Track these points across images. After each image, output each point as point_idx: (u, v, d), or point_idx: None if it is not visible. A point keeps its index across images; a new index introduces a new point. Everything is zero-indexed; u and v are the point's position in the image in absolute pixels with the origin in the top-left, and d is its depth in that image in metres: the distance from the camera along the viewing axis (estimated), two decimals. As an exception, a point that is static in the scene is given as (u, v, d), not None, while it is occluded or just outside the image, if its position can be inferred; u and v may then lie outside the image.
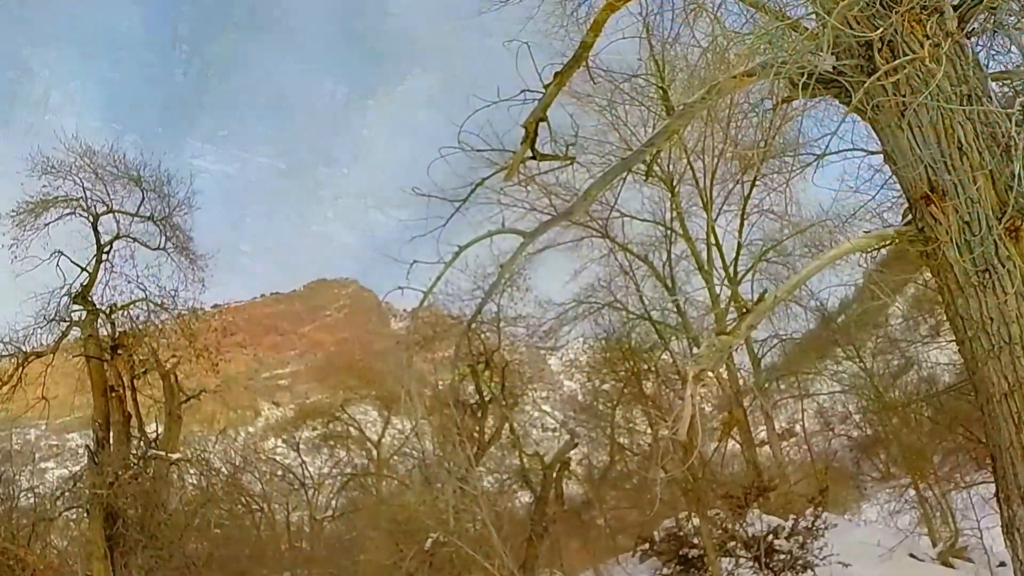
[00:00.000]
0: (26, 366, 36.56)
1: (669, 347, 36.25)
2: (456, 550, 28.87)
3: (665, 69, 27.80)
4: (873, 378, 39.73)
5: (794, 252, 38.23)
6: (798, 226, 36.43)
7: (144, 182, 37.23)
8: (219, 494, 40.18)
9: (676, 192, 36.36)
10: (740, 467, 38.47)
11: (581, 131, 15.60)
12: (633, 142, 32.91)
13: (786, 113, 14.08)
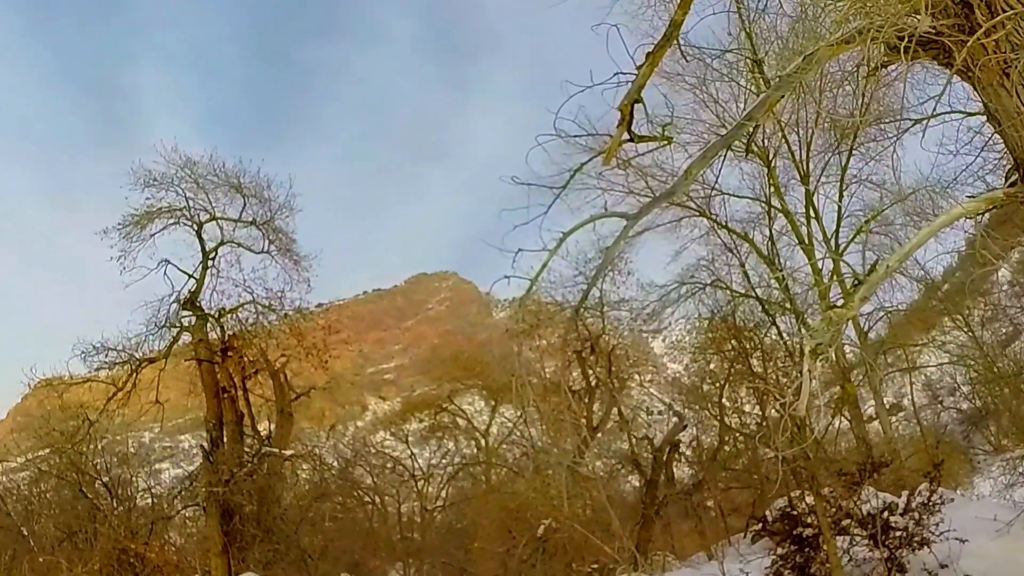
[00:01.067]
0: (139, 372, 37.42)
1: (776, 324, 35.67)
2: (569, 535, 28.89)
3: (755, 42, 27.49)
4: (982, 347, 38.85)
5: (895, 221, 37.47)
6: (898, 194, 35.63)
7: (244, 188, 37.91)
8: (332, 488, 40.72)
9: (773, 167, 35.83)
10: (848, 444, 37.85)
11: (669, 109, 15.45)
12: (726, 118, 32.53)
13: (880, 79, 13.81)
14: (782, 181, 36.66)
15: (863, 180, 37.20)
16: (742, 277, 35.91)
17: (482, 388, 53.83)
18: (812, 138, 35.81)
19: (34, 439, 48.59)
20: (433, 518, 50.35)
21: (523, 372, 15.12)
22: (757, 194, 36.48)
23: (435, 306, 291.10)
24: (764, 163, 35.31)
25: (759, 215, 36.45)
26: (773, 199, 35.85)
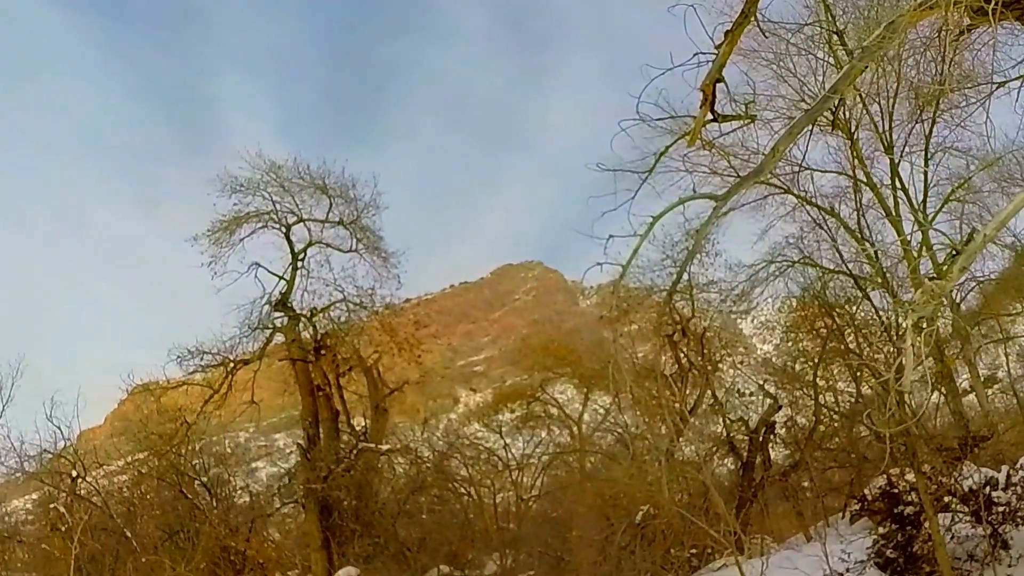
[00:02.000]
0: (234, 374, 38.01)
1: (870, 299, 35.06)
2: (667, 521, 28.77)
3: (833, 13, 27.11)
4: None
5: (983, 188, 36.63)
6: (986, 160, 34.83)
7: (330, 189, 38.43)
8: (428, 480, 41.01)
9: (856, 139, 35.21)
10: (944, 419, 37.16)
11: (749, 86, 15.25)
12: (805, 93, 32.06)
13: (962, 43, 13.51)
14: (866, 153, 36.05)
15: (949, 148, 36.42)
16: (832, 253, 35.33)
17: (573, 376, 53.80)
18: (894, 107, 35.13)
19: (133, 443, 49.51)
20: (529, 507, 50.45)
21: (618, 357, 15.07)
22: (841, 168, 35.92)
23: (522, 296, 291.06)
24: (847, 136, 34.71)
25: (845, 189, 35.88)
26: (858, 172, 35.28)
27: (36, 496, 51.06)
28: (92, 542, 36.09)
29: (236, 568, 37.49)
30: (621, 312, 35.28)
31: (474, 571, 38.24)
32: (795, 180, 34.50)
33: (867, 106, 34.82)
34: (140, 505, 41.62)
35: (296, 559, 40.70)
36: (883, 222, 35.49)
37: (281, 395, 40.60)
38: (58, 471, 40.66)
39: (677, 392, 34.35)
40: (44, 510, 42.45)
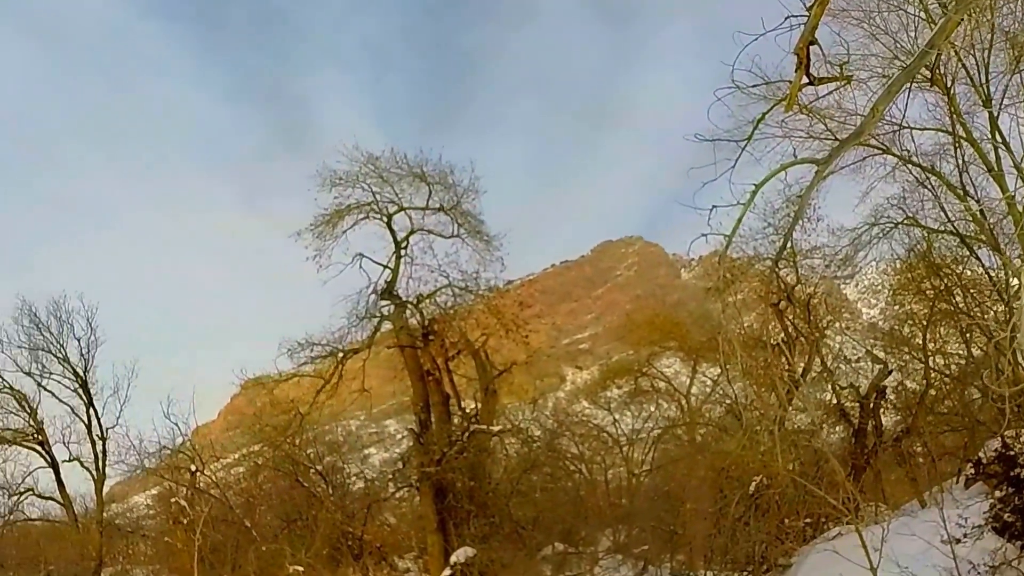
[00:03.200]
0: (344, 364, 38.58)
1: (978, 257, 34.35)
2: (781, 491, 28.70)
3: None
4: None
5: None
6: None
7: (428, 176, 38.73)
8: (540, 459, 41.27)
9: (952, 94, 34.47)
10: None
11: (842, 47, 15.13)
12: (898, 50, 31.48)
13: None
14: (964, 108, 35.24)
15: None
16: (936, 212, 34.66)
17: (679, 349, 53.69)
18: (990, 59, 34.33)
19: (247, 435, 50.59)
20: (640, 482, 50.53)
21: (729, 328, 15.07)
22: (940, 124, 35.19)
23: (623, 272, 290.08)
24: (943, 92, 34.02)
25: (944, 146, 35.14)
26: (957, 128, 34.56)
27: (156, 491, 52.24)
28: (213, 533, 37.04)
29: (354, 553, 38.21)
30: (727, 282, 35.07)
31: (588, 547, 38.45)
32: (894, 139, 33.93)
33: (962, 59, 34.11)
34: (258, 496, 42.59)
35: (412, 542, 41.33)
36: (986, 178, 34.72)
37: (391, 382, 41.12)
38: (177, 466, 41.68)
39: (786, 361, 34.12)
40: (165, 504, 43.47)
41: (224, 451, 54.84)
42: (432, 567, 35.55)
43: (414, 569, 39.34)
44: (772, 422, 24.16)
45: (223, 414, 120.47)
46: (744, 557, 27.11)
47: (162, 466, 42.75)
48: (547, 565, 36.27)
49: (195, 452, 42.36)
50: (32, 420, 48.42)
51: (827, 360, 36.83)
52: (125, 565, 45.79)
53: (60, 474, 49.02)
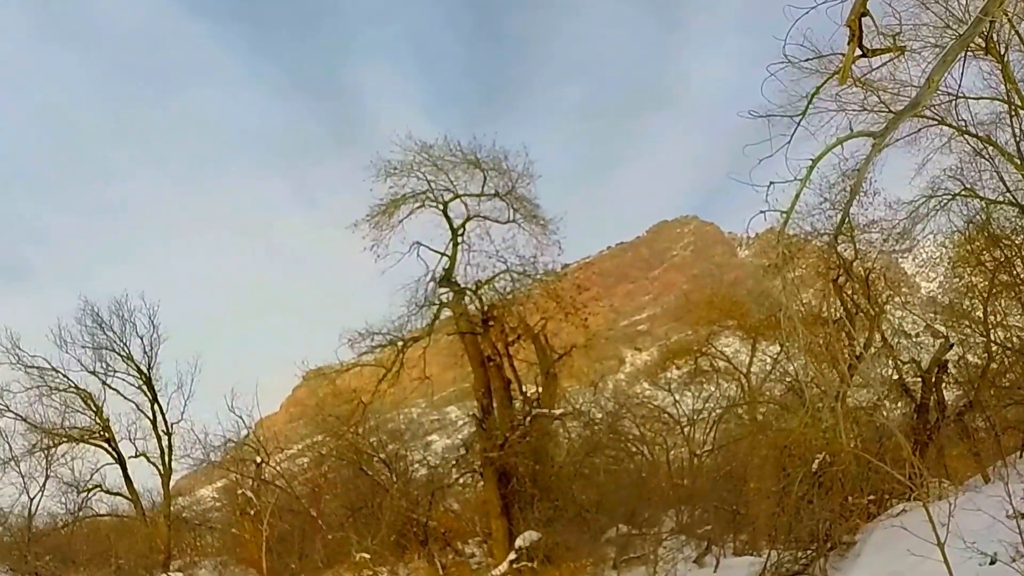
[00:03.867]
0: (405, 352, 38.92)
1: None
2: (844, 468, 28.59)
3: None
4: None
5: None
6: None
7: (483, 163, 38.90)
8: (602, 442, 41.36)
9: (1006, 62, 33.95)
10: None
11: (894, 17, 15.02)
12: (950, 18, 31.09)
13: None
14: (1018, 76, 34.76)
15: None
16: (995, 182, 34.21)
17: (738, 328, 53.53)
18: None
19: (310, 426, 51.21)
20: (702, 463, 50.48)
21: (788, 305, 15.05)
22: (995, 93, 34.72)
23: (679, 252, 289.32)
24: (997, 60, 33.58)
25: (1000, 115, 34.67)
26: (1012, 96, 34.08)
27: (222, 484, 52.99)
28: (280, 523, 37.54)
29: (419, 539, 38.55)
30: (785, 259, 34.81)
31: (651, 529, 38.46)
32: (949, 110, 33.55)
33: (1015, 27, 33.66)
34: (323, 485, 43.10)
35: (477, 527, 41.59)
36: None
37: (451, 369, 41.41)
38: (242, 458, 42.27)
39: (846, 337, 33.94)
40: (231, 496, 44.11)
41: (288, 442, 55.42)
42: (497, 551, 35.79)
43: (479, 554, 39.59)
44: (834, 399, 24.07)
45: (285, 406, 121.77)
46: (808, 535, 27.00)
47: (227, 459, 43.40)
48: (611, 547, 36.36)
49: (259, 444, 42.93)
50: (98, 418, 49.31)
51: (887, 335, 36.55)
52: (193, 557, 46.46)
53: (127, 470, 49.87)
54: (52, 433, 47.31)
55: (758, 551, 35.09)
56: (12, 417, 46.09)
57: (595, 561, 33.37)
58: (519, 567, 31.34)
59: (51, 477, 43.68)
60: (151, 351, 49.78)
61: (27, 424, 46.94)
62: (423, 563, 36.63)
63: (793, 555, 26.45)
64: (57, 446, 46.96)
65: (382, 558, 35.07)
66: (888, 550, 21.63)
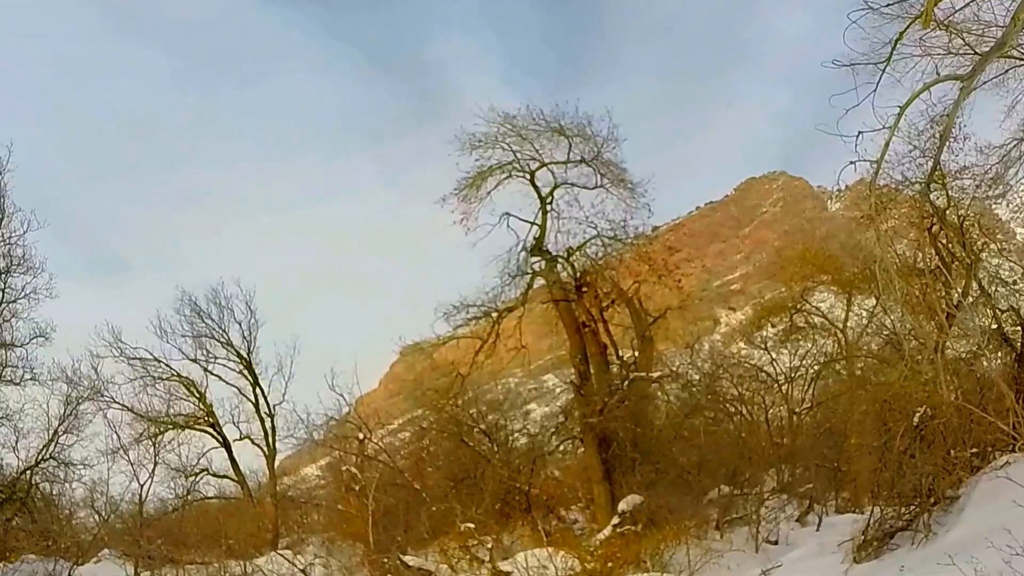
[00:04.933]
0: (500, 322, 39.25)
1: None
2: (946, 421, 28.30)
3: None
4: None
5: None
6: None
7: (567, 130, 38.91)
8: (700, 403, 41.31)
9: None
10: None
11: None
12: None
13: None
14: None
15: None
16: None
17: (832, 283, 53.09)
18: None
19: (410, 401, 51.85)
20: (802, 420, 50.14)
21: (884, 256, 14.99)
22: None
23: (769, 208, 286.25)
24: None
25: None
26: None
27: (325, 462, 53.89)
28: (385, 497, 38.06)
29: (523, 507, 38.92)
30: (877, 210, 34.33)
31: (753, 489, 38.39)
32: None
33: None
34: (425, 458, 43.63)
35: (579, 493, 41.87)
36: None
37: (546, 337, 41.68)
38: (345, 436, 42.92)
39: (943, 286, 33.47)
40: (336, 473, 44.80)
41: (388, 418, 56.23)
42: (600, 516, 36.03)
43: (582, 520, 39.87)
44: (932, 350, 23.88)
45: (384, 382, 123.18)
46: (911, 491, 26.72)
47: (330, 437, 44.15)
48: (713, 508, 36.32)
49: (361, 421, 43.58)
50: (202, 404, 50.71)
51: (984, 284, 35.98)
52: (301, 534, 47.28)
53: (232, 453, 51.29)
54: (158, 421, 48.69)
55: (860, 508, 34.82)
56: (119, 408, 47.40)
57: (698, 523, 33.33)
58: (622, 531, 31.47)
59: (159, 464, 44.73)
60: (250, 336, 51.05)
61: (133, 414, 48.32)
62: (527, 531, 36.92)
63: (896, 511, 26.24)
64: (163, 433, 48.28)
65: (486, 527, 35.43)
66: (993, 503, 21.43)
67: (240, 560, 36.73)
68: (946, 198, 33.97)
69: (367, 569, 35.58)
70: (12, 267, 36.93)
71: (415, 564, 33.47)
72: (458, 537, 34.10)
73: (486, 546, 33.79)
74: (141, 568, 37.39)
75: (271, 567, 36.25)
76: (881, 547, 25.05)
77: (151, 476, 42.49)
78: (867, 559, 24.80)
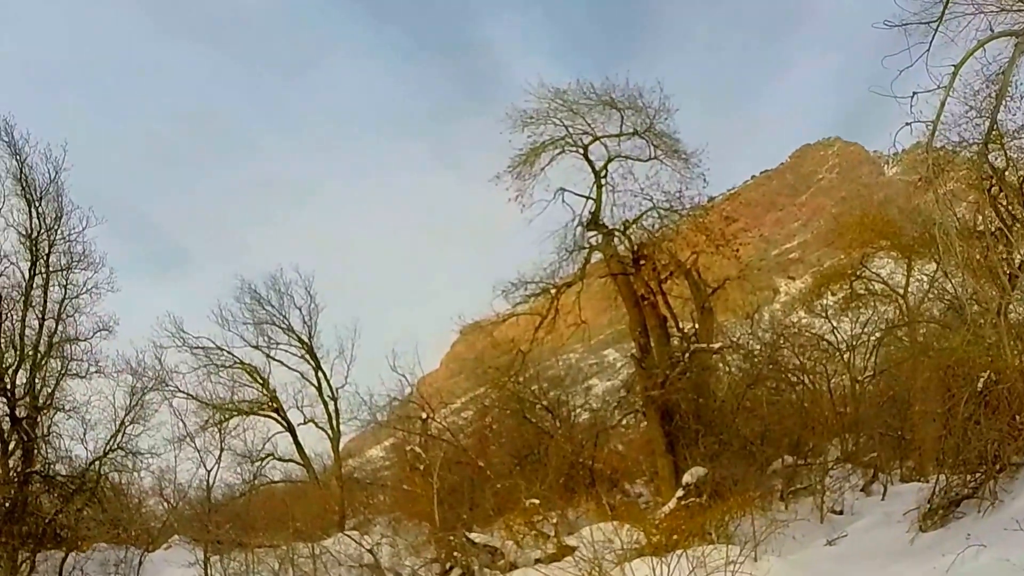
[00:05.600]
0: (559, 298, 39.33)
1: None
2: (1011, 386, 28.03)
3: None
4: None
5: None
6: None
7: (618, 103, 38.76)
8: (762, 373, 41.18)
9: None
10: None
11: None
12: None
13: None
14: None
15: None
16: None
17: (892, 248, 52.62)
18: None
19: (471, 379, 52.22)
20: (864, 389, 49.85)
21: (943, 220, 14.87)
22: None
23: (825, 175, 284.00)
24: None
25: None
26: None
27: (389, 443, 54.58)
28: (449, 476, 38.40)
29: (587, 482, 39.07)
30: (935, 172, 33.87)
31: (816, 459, 38.26)
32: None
33: None
34: (488, 436, 43.93)
35: (643, 466, 41.94)
36: None
37: (605, 312, 41.63)
38: (408, 416, 43.37)
39: (1005, 248, 33.07)
40: (400, 454, 45.35)
41: (450, 397, 56.66)
42: (664, 489, 36.03)
43: (646, 493, 39.96)
44: (995, 314, 23.67)
45: (445, 362, 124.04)
46: (976, 458, 26.47)
47: (393, 418, 44.66)
48: (777, 479, 36.29)
49: (423, 401, 43.98)
50: (265, 390, 51.77)
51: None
52: (367, 515, 47.88)
53: (297, 437, 52.42)
54: (223, 408, 49.81)
55: (925, 476, 34.63)
56: (184, 397, 48.50)
57: (762, 494, 33.23)
58: (687, 503, 31.46)
59: (225, 450, 45.69)
60: (310, 321, 52.17)
61: (198, 402, 49.37)
62: (591, 505, 37.04)
63: (961, 479, 26.05)
64: (229, 420, 49.45)
65: (551, 503, 35.61)
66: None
67: (308, 542, 37.23)
68: (1005, 159, 33.55)
69: (433, 547, 35.94)
70: (73, 263, 37.61)
71: (481, 541, 33.75)
72: (523, 513, 34.30)
73: (551, 521, 33.97)
74: (210, 553, 37.98)
75: (339, 548, 36.70)
76: (947, 515, 24.92)
77: (218, 462, 43.26)
78: (933, 528, 24.69)
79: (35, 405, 35.77)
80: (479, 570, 32.75)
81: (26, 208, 36.52)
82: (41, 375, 36.45)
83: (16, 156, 36.43)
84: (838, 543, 27.36)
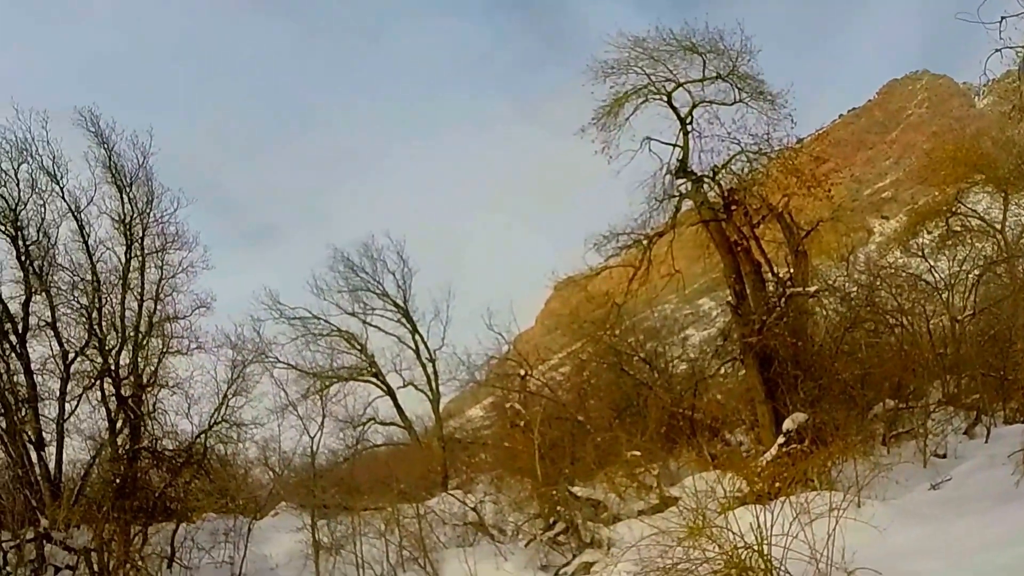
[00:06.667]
0: (651, 249, 39.15)
1: None
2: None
3: None
4: None
5: None
6: None
7: (699, 47, 38.30)
8: (860, 315, 40.69)
9: None
10: None
11: None
12: None
13: None
14: None
15: None
16: None
17: (987, 183, 51.61)
18: None
19: (567, 334, 52.47)
20: (965, 328, 48.96)
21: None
22: None
23: (915, 110, 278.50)
24: None
25: None
26: None
27: (489, 401, 55.12)
28: (549, 431, 38.72)
29: (687, 432, 39.07)
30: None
31: (918, 402, 37.77)
32: None
33: None
34: (587, 390, 44.16)
35: (743, 415, 41.74)
36: None
37: (698, 261, 41.27)
38: (506, 374, 43.75)
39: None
40: (500, 411, 45.89)
41: (547, 353, 56.96)
42: (765, 437, 35.83)
43: (747, 441, 39.77)
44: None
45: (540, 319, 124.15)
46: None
47: (492, 376, 45.14)
48: (879, 423, 35.90)
49: (521, 358, 44.27)
50: (363, 355, 52.83)
51: None
52: (469, 474, 48.50)
53: (397, 400, 53.37)
54: (323, 376, 50.93)
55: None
56: (284, 367, 49.53)
57: (864, 438, 32.94)
58: (788, 450, 31.27)
59: (327, 416, 46.14)
60: (404, 284, 53.08)
61: (298, 371, 50.44)
62: (692, 455, 37.06)
63: (1067, 417, 25.61)
64: (329, 387, 50.33)
65: (652, 454, 35.69)
66: None
67: (412, 503, 37.76)
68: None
69: (536, 503, 36.28)
70: (167, 245, 38.16)
71: (583, 494, 33.96)
72: (624, 465, 34.47)
73: (652, 473, 34.10)
74: (317, 518, 38.64)
75: (443, 507, 37.25)
76: (1054, 456, 24.42)
77: (320, 429, 43.77)
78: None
79: (139, 384, 36.47)
80: (582, 524, 32.91)
81: (117, 195, 37.01)
82: (144, 354, 37.13)
83: (104, 145, 36.83)
84: (942, 487, 27.03)
